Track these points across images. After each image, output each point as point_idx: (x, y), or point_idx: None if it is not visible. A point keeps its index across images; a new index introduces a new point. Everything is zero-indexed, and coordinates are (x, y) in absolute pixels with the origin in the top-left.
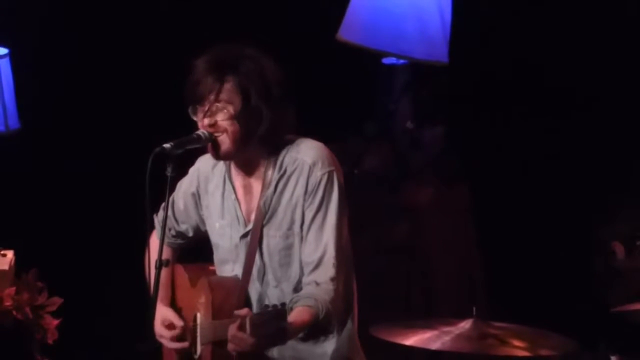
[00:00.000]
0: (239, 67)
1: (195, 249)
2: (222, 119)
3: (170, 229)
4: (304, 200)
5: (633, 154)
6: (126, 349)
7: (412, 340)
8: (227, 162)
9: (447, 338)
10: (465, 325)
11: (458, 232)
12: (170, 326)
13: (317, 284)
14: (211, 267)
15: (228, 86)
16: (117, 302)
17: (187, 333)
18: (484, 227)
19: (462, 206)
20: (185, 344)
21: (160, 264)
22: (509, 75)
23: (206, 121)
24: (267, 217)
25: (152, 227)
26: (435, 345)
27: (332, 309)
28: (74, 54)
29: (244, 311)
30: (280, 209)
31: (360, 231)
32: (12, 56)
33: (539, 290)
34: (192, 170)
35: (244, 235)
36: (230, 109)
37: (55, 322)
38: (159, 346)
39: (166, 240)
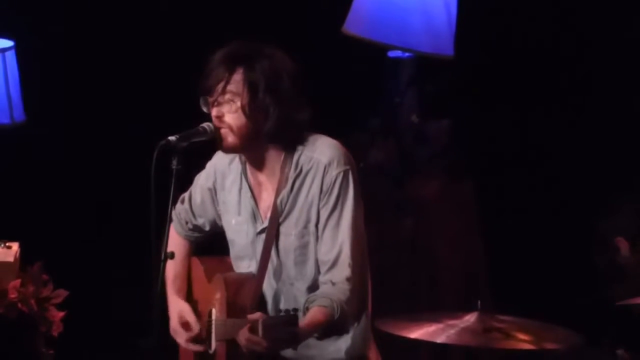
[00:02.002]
0: (252, 60)
1: (211, 241)
2: (228, 110)
3: (187, 222)
4: (320, 199)
5: (636, 150)
6: (131, 342)
7: (417, 333)
8: (243, 159)
9: (452, 331)
10: (470, 318)
11: (463, 226)
12: (186, 325)
13: (333, 283)
14: (229, 260)
15: (237, 77)
16: (123, 295)
17: (202, 327)
18: (489, 221)
19: (467, 200)
20: (200, 348)
21: (165, 257)
22: (515, 69)
23: (213, 112)
24: (283, 215)
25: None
26: (440, 339)
27: (347, 309)
28: (79, 46)
29: (256, 315)
30: (297, 208)
31: (365, 225)
32: (18, 48)
33: (544, 284)
34: (209, 164)
35: (260, 232)
36: (237, 101)
37: (60, 314)
38: (161, 343)
39: (183, 233)
